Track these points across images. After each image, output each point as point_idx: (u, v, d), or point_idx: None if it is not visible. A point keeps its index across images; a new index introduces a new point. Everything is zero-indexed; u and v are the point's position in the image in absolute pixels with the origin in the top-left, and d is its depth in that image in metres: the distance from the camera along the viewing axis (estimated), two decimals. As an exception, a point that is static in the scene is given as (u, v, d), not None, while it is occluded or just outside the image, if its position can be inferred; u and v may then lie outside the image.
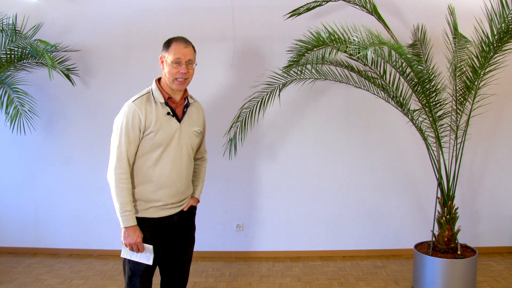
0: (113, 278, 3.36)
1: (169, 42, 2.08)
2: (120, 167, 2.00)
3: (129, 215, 2.01)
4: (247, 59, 3.64)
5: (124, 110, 2.05)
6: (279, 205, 3.77)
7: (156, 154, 2.05)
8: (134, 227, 2.02)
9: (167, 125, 2.06)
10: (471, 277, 2.93)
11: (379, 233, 3.79)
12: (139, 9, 3.62)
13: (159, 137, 2.03)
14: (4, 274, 3.43)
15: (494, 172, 3.75)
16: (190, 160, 2.20)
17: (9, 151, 3.84)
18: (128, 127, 2.01)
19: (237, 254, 3.81)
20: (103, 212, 3.78)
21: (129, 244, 2.03)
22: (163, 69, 2.10)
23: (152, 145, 2.04)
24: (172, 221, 2.15)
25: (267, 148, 3.75)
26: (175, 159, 2.08)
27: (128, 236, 2.02)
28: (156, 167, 2.06)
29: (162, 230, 2.12)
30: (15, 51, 3.34)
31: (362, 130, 3.71)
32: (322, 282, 3.28)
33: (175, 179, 2.10)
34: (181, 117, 2.13)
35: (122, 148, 2.01)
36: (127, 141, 2.01)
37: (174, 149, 2.08)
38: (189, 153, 2.16)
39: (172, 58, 2.04)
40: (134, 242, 2.02)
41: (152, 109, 2.04)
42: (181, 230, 2.21)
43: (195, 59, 2.12)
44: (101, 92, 3.71)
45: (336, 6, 3.32)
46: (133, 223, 2.02)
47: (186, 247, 2.28)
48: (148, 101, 2.06)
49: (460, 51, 3.01)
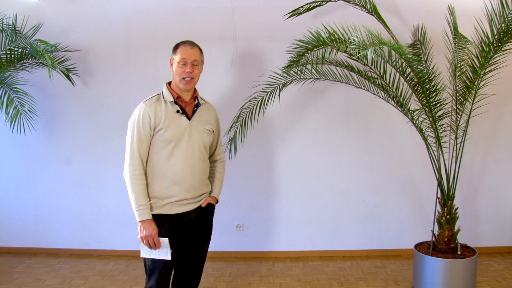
0: (113, 278, 3.36)
1: (177, 45, 2.23)
2: (133, 164, 2.10)
3: (143, 208, 2.08)
4: (247, 59, 3.64)
5: (136, 111, 2.17)
6: (279, 205, 3.77)
7: (168, 150, 2.13)
8: (149, 220, 2.09)
9: (176, 122, 2.15)
10: (471, 277, 2.93)
11: (379, 233, 3.79)
12: (139, 9, 3.62)
13: (169, 134, 2.12)
14: (4, 274, 3.43)
15: (494, 172, 3.75)
16: (203, 157, 2.25)
17: (9, 151, 3.84)
18: (139, 126, 2.12)
19: (237, 254, 3.81)
20: (103, 212, 3.79)
21: (145, 238, 2.08)
22: (172, 71, 2.22)
23: (163, 141, 2.12)
24: (189, 218, 2.19)
25: (267, 148, 3.75)
26: (186, 155, 2.15)
27: (144, 229, 2.08)
28: (168, 163, 2.13)
29: (180, 227, 2.17)
30: (15, 51, 3.34)
31: (362, 130, 3.71)
32: (322, 282, 3.28)
33: (188, 174, 2.16)
34: (191, 116, 2.21)
35: (134, 146, 2.11)
36: (139, 140, 2.11)
37: (185, 145, 2.15)
38: (201, 150, 2.22)
39: (179, 58, 2.17)
40: (150, 234, 2.07)
41: (161, 107, 2.15)
42: (198, 227, 2.25)
43: (201, 60, 2.26)
44: (101, 92, 3.71)
45: (336, 6, 3.32)
46: (148, 216, 2.08)
47: (202, 245, 2.32)
48: (158, 100, 2.18)
49: (460, 51, 3.01)
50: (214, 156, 2.42)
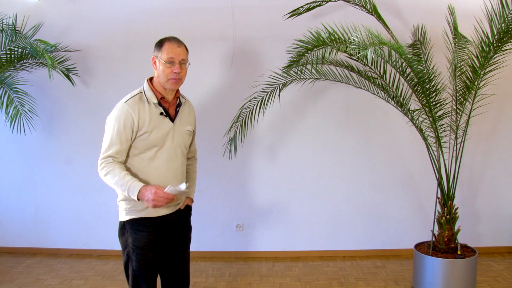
0: (113, 278, 3.36)
1: (162, 42, 2.07)
2: (106, 157, 1.98)
3: (132, 182, 1.93)
4: (247, 59, 3.64)
5: (116, 111, 2.03)
6: (279, 205, 3.77)
7: (151, 154, 2.04)
8: (143, 187, 1.93)
9: (160, 125, 2.06)
10: (471, 277, 2.93)
11: (379, 233, 3.79)
12: (139, 9, 3.62)
13: (153, 137, 2.03)
14: (4, 274, 3.43)
15: (494, 172, 3.75)
16: (184, 159, 2.21)
17: (9, 151, 3.84)
18: (120, 128, 1.98)
19: (237, 254, 3.81)
20: (103, 212, 3.79)
21: (154, 201, 1.90)
22: (156, 69, 2.08)
23: (146, 145, 2.03)
24: (172, 220, 2.15)
25: (267, 148, 3.75)
26: (170, 159, 2.09)
27: (146, 196, 1.90)
28: (151, 166, 2.05)
29: (163, 229, 2.12)
30: (15, 51, 3.34)
31: (362, 130, 3.71)
32: (322, 282, 3.28)
33: (171, 177, 2.09)
34: (174, 117, 2.13)
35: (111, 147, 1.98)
36: (119, 141, 1.98)
37: (169, 149, 2.08)
38: (183, 152, 2.18)
39: (166, 57, 2.02)
40: (155, 193, 1.90)
41: (145, 109, 2.03)
42: (179, 228, 2.22)
43: (188, 59, 2.10)
44: (101, 92, 3.71)
45: (336, 6, 3.32)
46: (140, 184, 1.93)
47: (184, 245, 2.28)
48: (141, 100, 2.05)
49: (460, 51, 3.01)
50: (189, 153, 2.32)
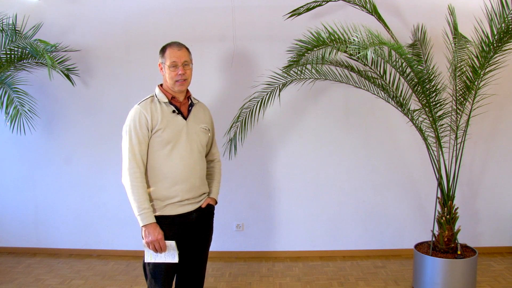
0: (113, 278, 3.36)
1: (164, 49, 2.19)
2: (133, 167, 2.05)
3: (147, 212, 2.02)
4: (247, 59, 3.64)
5: (131, 114, 2.13)
6: (279, 205, 3.77)
7: (166, 151, 2.11)
8: (153, 224, 2.03)
9: (173, 122, 2.13)
10: (471, 277, 2.93)
11: (379, 233, 3.79)
12: (139, 9, 3.62)
13: (167, 134, 2.10)
14: (4, 274, 3.43)
15: (494, 172, 3.75)
16: (202, 157, 2.25)
17: (9, 151, 3.84)
18: (136, 128, 2.08)
19: (237, 254, 3.81)
20: (103, 212, 3.79)
21: (150, 242, 2.02)
22: (163, 75, 2.20)
23: (161, 142, 2.10)
24: (191, 219, 2.17)
25: (267, 148, 3.75)
26: (185, 155, 2.14)
27: (149, 234, 2.02)
28: (168, 163, 2.10)
29: (181, 228, 2.14)
30: (15, 51, 3.34)
31: (362, 130, 3.71)
32: (322, 282, 3.28)
33: (188, 174, 2.14)
34: (187, 115, 2.19)
35: (133, 149, 2.06)
36: (138, 141, 2.07)
37: (184, 146, 2.14)
38: (199, 149, 2.21)
39: (169, 62, 2.14)
40: (155, 239, 2.02)
41: (157, 108, 2.13)
42: (199, 228, 2.23)
43: (191, 60, 2.23)
44: (101, 92, 3.71)
45: (336, 6, 3.32)
46: (152, 220, 2.03)
47: (204, 247, 2.30)
48: (153, 102, 2.16)
49: (460, 51, 3.01)
50: (210, 155, 2.40)
